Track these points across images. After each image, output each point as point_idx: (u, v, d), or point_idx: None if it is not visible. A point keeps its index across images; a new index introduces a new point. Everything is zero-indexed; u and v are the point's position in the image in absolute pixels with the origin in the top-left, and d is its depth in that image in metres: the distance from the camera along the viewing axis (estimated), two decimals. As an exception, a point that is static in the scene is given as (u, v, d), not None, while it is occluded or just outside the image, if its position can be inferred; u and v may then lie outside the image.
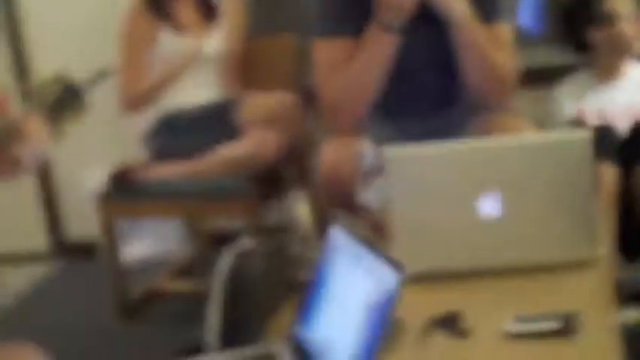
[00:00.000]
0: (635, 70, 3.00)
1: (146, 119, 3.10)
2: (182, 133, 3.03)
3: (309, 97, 2.85)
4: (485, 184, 1.95)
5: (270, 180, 3.04)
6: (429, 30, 2.45)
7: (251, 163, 2.91)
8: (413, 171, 2.01)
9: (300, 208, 2.54)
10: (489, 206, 1.95)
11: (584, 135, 1.92)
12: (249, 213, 2.92)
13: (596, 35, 2.95)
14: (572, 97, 3.00)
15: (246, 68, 3.26)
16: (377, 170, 2.22)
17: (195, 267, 3.27)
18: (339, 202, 2.38)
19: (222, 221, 3.29)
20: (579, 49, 3.05)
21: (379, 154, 2.17)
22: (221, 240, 3.14)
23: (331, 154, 2.42)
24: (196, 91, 3.11)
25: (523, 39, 2.80)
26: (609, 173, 2.64)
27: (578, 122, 2.93)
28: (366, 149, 2.40)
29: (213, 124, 3.01)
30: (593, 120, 2.91)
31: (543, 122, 2.93)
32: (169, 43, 3.08)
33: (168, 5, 3.10)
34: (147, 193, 3.02)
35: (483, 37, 2.42)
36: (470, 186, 1.97)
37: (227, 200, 2.94)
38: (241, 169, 2.92)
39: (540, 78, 3.06)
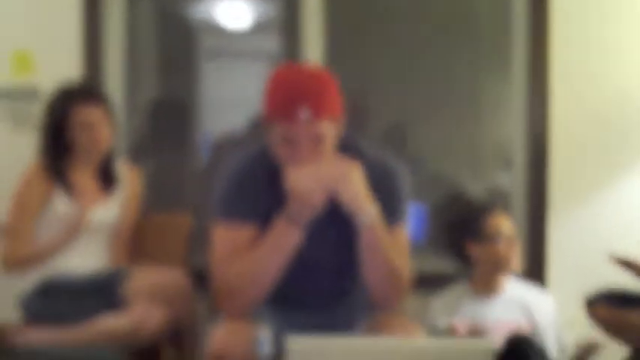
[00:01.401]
0: (510, 286, 3.13)
1: (26, 281, 3.00)
2: (63, 300, 2.94)
3: (199, 277, 2.83)
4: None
5: (147, 357, 2.95)
6: (332, 227, 2.48)
7: (131, 337, 2.83)
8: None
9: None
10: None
11: (487, 344, 1.97)
12: (122, 388, 2.82)
13: (476, 250, 3.08)
14: (447, 309, 3.08)
15: (138, 242, 3.25)
16: (273, 358, 2.19)
17: None
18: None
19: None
20: (459, 261, 3.17)
21: (276, 342, 2.16)
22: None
23: (221, 337, 2.38)
24: (83, 259, 3.06)
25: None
26: None
27: (450, 334, 3.00)
28: (263, 336, 2.38)
29: (96, 293, 2.93)
30: (465, 334, 2.99)
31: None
32: (63, 208, 3.05)
33: (65, 170, 3.08)
34: (16, 357, 2.86)
35: (388, 242, 2.45)
36: (369, 382, 1.97)
37: (100, 373, 2.83)
38: (120, 342, 2.83)
39: (420, 284, 3.16)
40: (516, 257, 3.08)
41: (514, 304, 3.09)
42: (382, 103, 3.77)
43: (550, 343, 3.06)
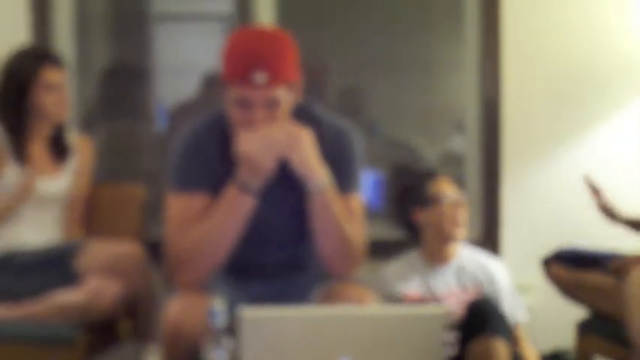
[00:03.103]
0: (462, 254, 3.14)
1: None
2: (16, 275, 2.90)
3: (155, 249, 2.82)
4: (340, 351, 1.98)
5: (103, 330, 2.94)
6: (285, 195, 2.49)
7: (86, 311, 2.81)
8: (267, 333, 2.02)
9: (150, 363, 2.49)
10: (342, 374, 1.97)
11: (440, 310, 2.00)
12: (76, 363, 2.81)
13: (422, 216, 3.08)
14: (399, 277, 3.08)
15: (91, 214, 3.21)
16: (227, 329, 2.19)
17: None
18: (184, 359, 2.32)
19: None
20: (409, 230, 3.17)
21: (231, 313, 2.17)
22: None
23: (177, 310, 2.37)
24: (36, 232, 3.02)
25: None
26: None
27: (403, 302, 3.01)
28: (217, 307, 2.38)
29: (49, 267, 2.89)
30: (417, 301, 3.01)
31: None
32: (14, 179, 2.99)
33: (17, 141, 3.02)
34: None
35: (340, 209, 2.45)
36: (324, 352, 1.99)
37: (55, 347, 2.81)
38: (75, 317, 2.81)
39: (377, 250, 3.17)
40: (463, 220, 3.06)
41: (466, 272, 3.09)
42: (335, 66, 3.75)
43: (504, 310, 3.08)
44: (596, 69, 3.47)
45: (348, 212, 2.49)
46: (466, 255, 3.14)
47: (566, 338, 3.04)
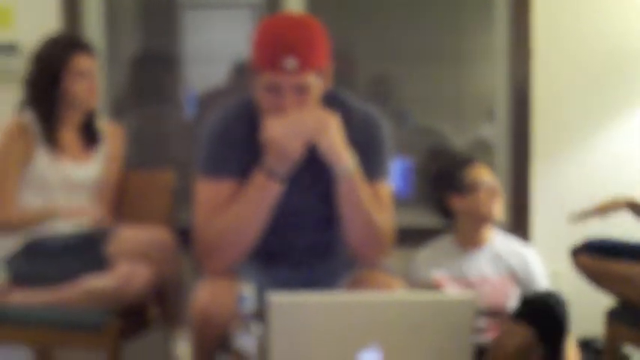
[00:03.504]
0: (494, 240, 3.14)
1: (11, 241, 2.98)
2: (47, 260, 2.93)
3: (184, 235, 2.83)
4: (368, 337, 1.98)
5: (133, 316, 2.96)
6: (313, 181, 2.49)
7: (116, 296, 2.83)
8: (296, 318, 2.01)
9: (179, 348, 2.48)
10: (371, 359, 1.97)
11: (469, 297, 1.99)
12: (108, 347, 2.82)
13: (458, 202, 3.09)
14: (431, 263, 3.09)
15: (122, 199, 3.24)
16: (256, 314, 2.20)
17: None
18: (213, 344, 2.34)
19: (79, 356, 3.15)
20: (443, 215, 3.17)
21: (259, 299, 2.17)
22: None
23: (205, 295, 2.39)
24: (67, 218, 3.03)
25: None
26: None
27: (435, 288, 3.01)
28: (246, 292, 2.38)
29: (81, 252, 2.92)
30: (451, 287, 3.00)
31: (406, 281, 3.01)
32: (45, 165, 3.02)
33: (48, 127, 3.04)
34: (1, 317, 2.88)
35: (367, 195, 2.45)
36: (352, 338, 1.99)
37: (85, 332, 2.84)
38: (105, 302, 2.84)
39: (406, 238, 3.17)
40: (498, 207, 3.07)
41: (498, 258, 3.09)
42: (364, 54, 3.74)
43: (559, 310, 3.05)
44: (629, 53, 3.43)
45: (376, 199, 2.49)
46: (500, 241, 3.14)
47: (595, 325, 3.02)
